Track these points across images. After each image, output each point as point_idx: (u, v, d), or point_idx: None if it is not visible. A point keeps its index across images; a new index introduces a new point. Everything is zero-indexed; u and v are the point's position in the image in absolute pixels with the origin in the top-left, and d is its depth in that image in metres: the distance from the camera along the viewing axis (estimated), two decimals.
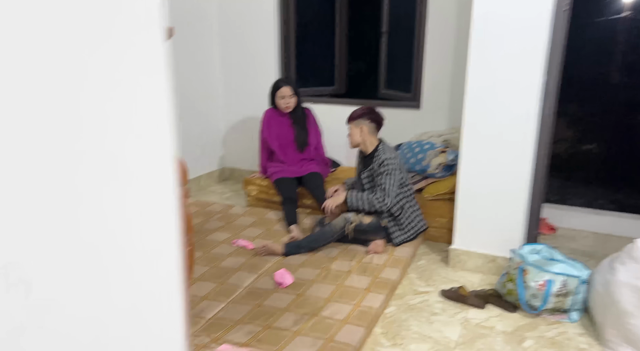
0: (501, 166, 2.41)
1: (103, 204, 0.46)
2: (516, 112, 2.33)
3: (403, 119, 3.58)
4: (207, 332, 1.93)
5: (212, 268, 2.48)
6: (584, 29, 3.06)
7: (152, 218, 0.54)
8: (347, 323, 1.98)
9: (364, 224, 2.63)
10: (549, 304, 2.10)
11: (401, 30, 3.73)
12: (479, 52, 2.34)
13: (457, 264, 2.62)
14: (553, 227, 3.11)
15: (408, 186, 2.71)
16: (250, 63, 3.98)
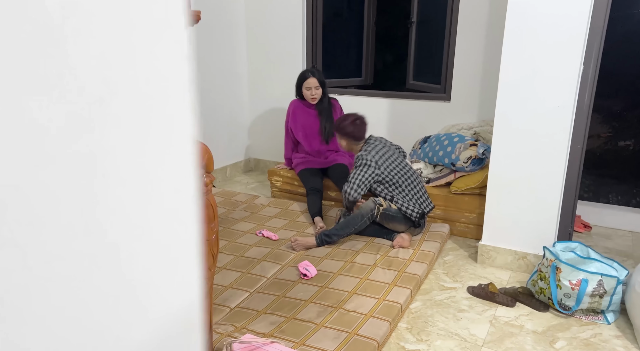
0: (534, 160, 2.32)
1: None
2: (551, 104, 2.24)
3: (432, 111, 3.50)
4: (230, 321, 1.93)
5: (236, 257, 2.49)
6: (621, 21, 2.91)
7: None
8: (371, 317, 1.94)
9: (391, 209, 2.60)
10: (583, 304, 2.02)
11: (431, 20, 3.64)
12: (513, 41, 2.24)
13: (486, 260, 2.55)
14: (588, 225, 2.99)
15: (397, 181, 2.62)
16: (277, 53, 3.96)
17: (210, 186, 1.30)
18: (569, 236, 2.44)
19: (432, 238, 2.69)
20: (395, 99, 3.63)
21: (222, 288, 2.18)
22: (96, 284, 0.43)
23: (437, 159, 3.02)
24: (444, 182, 3.01)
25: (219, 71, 3.89)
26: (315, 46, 3.87)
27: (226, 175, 4.07)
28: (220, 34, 3.83)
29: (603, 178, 3.24)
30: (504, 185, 2.42)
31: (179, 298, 0.53)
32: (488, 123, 3.18)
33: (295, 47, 3.87)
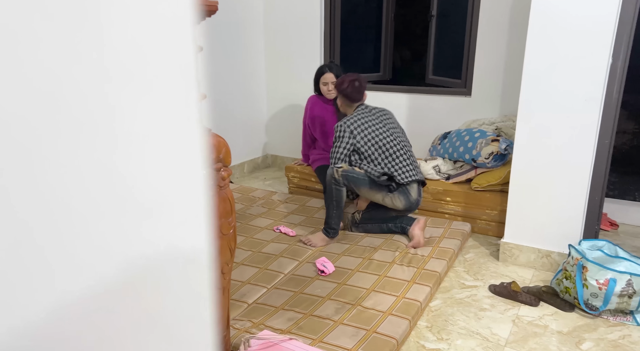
0: (559, 156, 2.25)
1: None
2: (578, 99, 2.16)
3: (452, 106, 3.43)
4: (248, 317, 1.92)
5: (254, 253, 2.48)
6: None
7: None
8: (390, 315, 1.91)
9: (355, 171, 2.52)
10: (611, 304, 1.95)
11: (451, 13, 3.56)
12: (538, 32, 2.17)
13: (508, 258, 2.48)
14: (614, 223, 2.90)
15: (372, 154, 2.52)
16: (295, 49, 3.94)
17: (228, 180, 1.29)
18: (596, 234, 2.36)
19: (453, 235, 2.64)
20: (414, 94, 3.57)
21: (239, 284, 2.17)
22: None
23: (458, 155, 2.96)
24: (464, 178, 2.95)
25: (237, 67, 3.88)
26: (333, 41, 3.83)
27: (244, 171, 4.07)
28: (238, 29, 3.82)
29: (629, 175, 3.14)
30: (527, 182, 2.36)
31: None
32: (510, 118, 3.11)
33: (313, 42, 3.85)
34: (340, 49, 3.88)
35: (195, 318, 0.53)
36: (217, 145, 1.25)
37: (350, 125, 2.53)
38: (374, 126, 2.57)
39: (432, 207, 2.97)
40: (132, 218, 0.45)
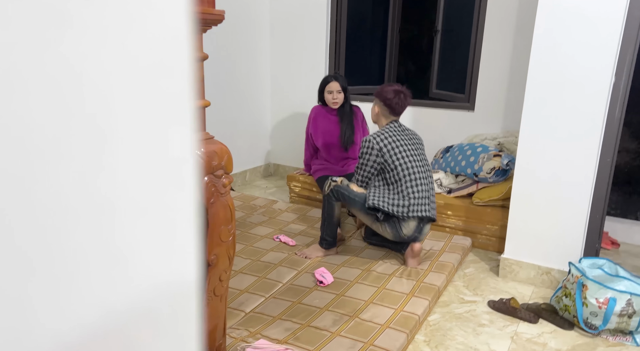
0: (561, 173, 2.25)
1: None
2: (580, 116, 2.17)
3: (455, 120, 3.44)
4: (245, 326, 1.91)
5: (253, 261, 2.47)
6: None
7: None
8: (387, 328, 1.90)
9: (349, 189, 2.44)
10: (610, 324, 1.93)
11: (456, 29, 3.60)
12: (542, 50, 2.19)
13: (508, 274, 2.47)
14: (615, 242, 2.89)
15: (390, 178, 2.37)
16: (300, 59, 3.97)
17: (229, 187, 1.29)
18: (596, 252, 2.35)
19: (453, 249, 2.63)
20: (418, 108, 3.59)
21: (237, 292, 2.17)
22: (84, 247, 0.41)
23: (460, 169, 2.97)
24: (465, 193, 2.95)
25: (243, 76, 3.91)
26: (338, 53, 3.87)
27: (245, 179, 4.08)
28: (244, 39, 3.86)
29: (631, 195, 3.14)
30: (529, 197, 2.36)
31: (173, 271, 0.50)
32: (513, 134, 3.11)
33: (319, 53, 3.88)
34: (345, 60, 3.91)
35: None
36: (219, 152, 1.26)
37: (380, 141, 2.35)
38: (405, 145, 2.39)
39: None
40: (116, 257, 0.44)
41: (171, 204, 0.48)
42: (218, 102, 3.64)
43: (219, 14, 1.26)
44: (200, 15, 1.21)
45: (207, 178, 1.23)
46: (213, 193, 1.24)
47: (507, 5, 3.11)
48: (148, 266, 0.47)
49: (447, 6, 3.66)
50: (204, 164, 1.21)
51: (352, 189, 2.46)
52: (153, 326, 0.48)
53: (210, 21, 1.26)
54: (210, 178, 1.23)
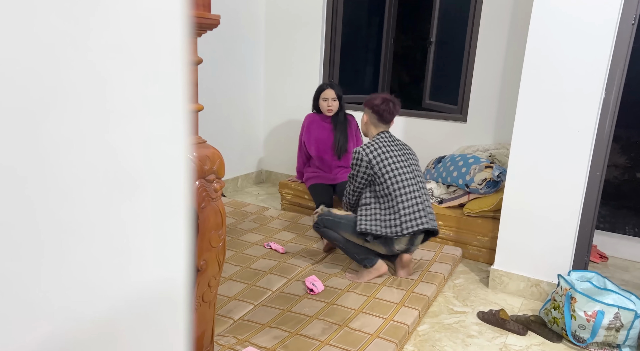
0: (551, 185, 2.27)
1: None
2: (571, 129, 2.19)
3: (447, 131, 3.47)
4: (233, 333, 1.88)
5: (242, 268, 2.45)
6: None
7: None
8: (377, 338, 1.89)
9: (331, 214, 2.39)
10: (598, 337, 1.94)
11: (450, 40, 3.63)
12: (534, 64, 2.22)
13: (498, 286, 2.48)
14: (604, 255, 2.91)
15: (389, 186, 2.28)
16: (294, 67, 3.98)
17: (220, 192, 1.28)
18: (585, 265, 2.37)
19: (443, 259, 2.63)
20: (410, 118, 3.61)
21: (226, 299, 2.14)
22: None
23: (451, 180, 2.98)
24: (457, 203, 2.96)
25: (236, 82, 3.91)
26: (332, 62, 3.88)
27: (237, 185, 4.06)
28: (239, 45, 3.86)
29: (620, 209, 3.17)
30: (519, 209, 2.37)
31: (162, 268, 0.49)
32: (504, 146, 3.14)
33: (313, 61, 3.89)
34: (339, 69, 3.93)
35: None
36: (212, 156, 1.25)
37: (369, 153, 2.28)
38: (395, 156, 2.31)
39: None
40: (106, 256, 0.43)
41: (162, 208, 0.47)
42: (211, 107, 3.63)
43: (214, 19, 1.26)
44: (196, 19, 1.21)
45: (199, 182, 1.22)
46: (204, 197, 1.23)
47: (500, 18, 3.15)
48: (139, 267, 0.46)
49: (441, 18, 3.70)
50: (196, 168, 1.21)
51: (337, 213, 2.40)
52: (142, 326, 0.47)
53: (206, 25, 1.26)
54: (201, 183, 1.22)
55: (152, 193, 0.46)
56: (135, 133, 0.44)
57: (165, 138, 0.47)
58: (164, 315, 0.49)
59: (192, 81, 1.28)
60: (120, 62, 0.41)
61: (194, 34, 1.24)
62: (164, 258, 0.49)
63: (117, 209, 0.43)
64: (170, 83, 0.47)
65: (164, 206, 0.48)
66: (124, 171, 0.43)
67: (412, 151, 2.46)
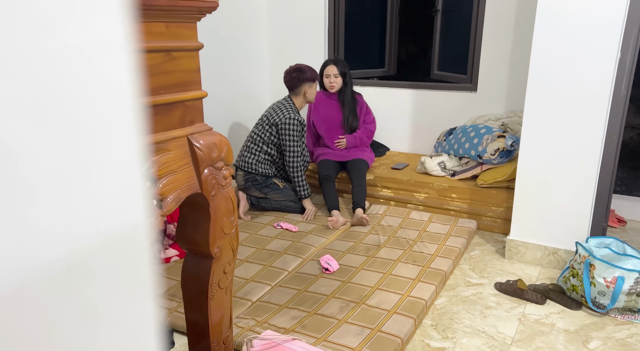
0: (566, 152, 2.22)
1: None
2: (586, 92, 2.13)
3: (457, 102, 3.40)
4: (252, 315, 1.91)
5: (257, 250, 2.47)
6: None
7: None
8: (394, 313, 1.90)
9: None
10: (619, 303, 1.93)
11: (457, 8, 3.52)
12: (545, 26, 2.14)
13: (514, 256, 2.46)
14: (622, 219, 2.87)
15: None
16: (299, 44, 3.91)
17: (230, 179, 1.27)
18: (603, 231, 2.34)
19: (459, 233, 2.62)
20: (419, 90, 3.54)
21: (243, 281, 2.17)
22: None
23: (463, 151, 2.93)
24: (470, 175, 2.92)
25: (240, 64, 3.86)
26: (337, 37, 3.80)
27: None
28: (241, 26, 3.79)
29: (637, 171, 3.10)
30: (534, 178, 2.33)
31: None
32: (516, 114, 3.07)
33: (317, 37, 3.81)
34: (344, 44, 3.85)
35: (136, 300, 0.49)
36: (219, 143, 1.24)
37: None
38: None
39: (438, 204, 2.94)
40: (63, 191, 0.41)
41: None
42: (216, 92, 3.60)
43: (213, 1, 1.23)
44: (194, 3, 1.18)
45: (207, 170, 1.21)
46: (214, 185, 1.22)
47: None
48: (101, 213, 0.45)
49: None
50: (204, 156, 1.19)
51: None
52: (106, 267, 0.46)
53: (204, 9, 1.22)
54: (210, 170, 1.21)
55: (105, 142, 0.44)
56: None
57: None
58: (128, 254, 0.49)
59: (195, 67, 1.25)
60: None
61: (193, 19, 1.21)
62: (124, 204, 0.48)
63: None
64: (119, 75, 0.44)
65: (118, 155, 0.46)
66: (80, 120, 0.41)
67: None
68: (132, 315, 0.50)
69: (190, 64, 1.23)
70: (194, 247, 1.29)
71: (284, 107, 2.93)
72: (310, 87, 2.94)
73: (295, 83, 2.93)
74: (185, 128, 1.19)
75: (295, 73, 2.91)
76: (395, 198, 3.08)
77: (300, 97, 2.96)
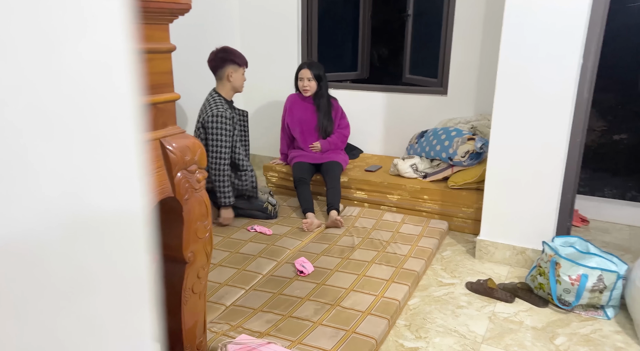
0: (533, 154, 2.29)
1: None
2: (551, 97, 2.21)
3: (428, 105, 3.46)
4: (226, 319, 1.89)
5: (231, 253, 2.45)
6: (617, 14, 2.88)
7: None
8: (369, 314, 1.91)
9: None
10: (582, 299, 2.00)
11: (427, 12, 3.59)
12: (512, 33, 2.21)
13: (484, 255, 2.52)
14: (585, 219, 2.98)
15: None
16: (272, 47, 3.90)
17: (204, 183, 1.26)
18: (568, 230, 2.42)
19: (431, 234, 2.67)
20: (391, 93, 3.59)
21: (217, 286, 2.14)
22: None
23: (435, 154, 2.99)
24: (441, 177, 2.98)
25: None
26: (310, 40, 3.82)
27: None
28: (214, 28, 3.76)
29: (598, 172, 3.23)
30: (502, 179, 2.40)
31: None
32: (485, 117, 3.15)
33: (291, 40, 3.82)
34: (318, 47, 3.87)
35: (132, 279, 0.51)
36: (192, 146, 1.22)
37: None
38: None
39: (410, 205, 2.99)
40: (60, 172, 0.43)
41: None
42: (189, 94, 3.55)
43: (186, 3, 1.22)
44: (166, 5, 1.16)
45: (181, 173, 1.19)
46: (187, 189, 1.21)
47: None
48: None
49: None
50: (177, 159, 1.18)
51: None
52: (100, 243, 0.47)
53: (177, 11, 1.21)
54: (183, 174, 1.20)
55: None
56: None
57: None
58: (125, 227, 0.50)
59: (167, 69, 1.23)
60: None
61: (165, 21, 1.20)
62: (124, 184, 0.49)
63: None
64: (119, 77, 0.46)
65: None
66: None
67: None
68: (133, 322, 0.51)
69: (163, 66, 1.21)
70: (167, 251, 1.27)
71: (207, 103, 2.72)
72: (235, 71, 2.71)
73: (217, 63, 2.70)
74: (158, 131, 1.17)
75: (221, 53, 2.69)
76: (369, 200, 3.11)
77: (225, 82, 2.73)
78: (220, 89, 2.79)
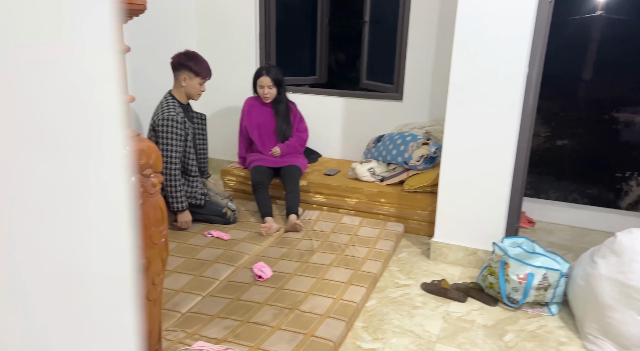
0: (483, 158, 2.39)
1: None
2: (499, 104, 2.31)
3: (385, 110, 3.53)
4: (182, 327, 1.85)
5: (187, 259, 2.40)
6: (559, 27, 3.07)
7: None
8: (327, 317, 1.93)
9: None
10: (529, 297, 2.10)
11: (384, 19, 3.67)
12: (463, 42, 2.30)
13: (438, 257, 2.60)
14: (532, 220, 3.13)
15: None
16: (230, 50, 3.87)
17: (159, 187, 1.23)
18: (516, 231, 2.54)
19: (388, 236, 2.72)
20: (349, 98, 3.64)
21: (172, 292, 2.09)
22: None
23: (391, 158, 3.06)
24: (397, 180, 3.05)
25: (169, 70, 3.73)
26: (268, 44, 3.81)
27: None
28: (169, 29, 3.68)
29: (543, 175, 3.41)
30: (455, 183, 2.48)
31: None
32: (439, 122, 3.25)
33: (249, 44, 3.80)
34: (276, 51, 3.87)
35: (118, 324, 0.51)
36: (147, 150, 1.20)
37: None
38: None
39: (368, 208, 3.04)
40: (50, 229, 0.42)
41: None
42: (144, 97, 3.45)
43: (141, 4, 1.19)
44: (122, 5, 1.13)
45: (135, 177, 1.16)
46: (142, 193, 1.18)
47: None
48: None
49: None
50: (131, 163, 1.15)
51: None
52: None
53: (132, 11, 1.18)
54: (138, 178, 1.17)
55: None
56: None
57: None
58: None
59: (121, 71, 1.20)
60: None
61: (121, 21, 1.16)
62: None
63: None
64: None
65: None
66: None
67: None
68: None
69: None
70: None
71: (160, 106, 2.67)
72: (190, 78, 2.68)
73: (175, 65, 2.69)
74: None
75: (182, 57, 2.68)
76: (328, 204, 3.14)
77: (178, 85, 2.71)
78: (175, 92, 2.75)
